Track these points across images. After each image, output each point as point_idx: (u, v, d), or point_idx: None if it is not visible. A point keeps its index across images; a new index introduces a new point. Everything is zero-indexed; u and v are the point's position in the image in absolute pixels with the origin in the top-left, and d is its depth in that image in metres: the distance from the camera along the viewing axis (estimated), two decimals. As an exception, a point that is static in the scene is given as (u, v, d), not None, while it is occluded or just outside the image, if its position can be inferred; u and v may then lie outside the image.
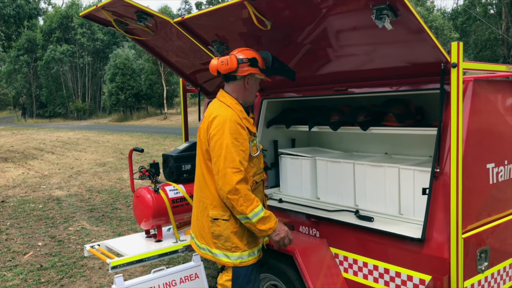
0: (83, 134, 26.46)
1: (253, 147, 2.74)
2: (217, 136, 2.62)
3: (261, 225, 2.61)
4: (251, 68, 2.74)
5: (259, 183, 2.83)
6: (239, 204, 2.56)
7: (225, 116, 2.66)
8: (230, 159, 2.56)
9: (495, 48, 30.59)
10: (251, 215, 2.58)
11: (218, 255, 2.76)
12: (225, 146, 2.58)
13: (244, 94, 2.83)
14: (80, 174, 12.10)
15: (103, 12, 3.53)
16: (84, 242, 6.17)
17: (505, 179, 2.91)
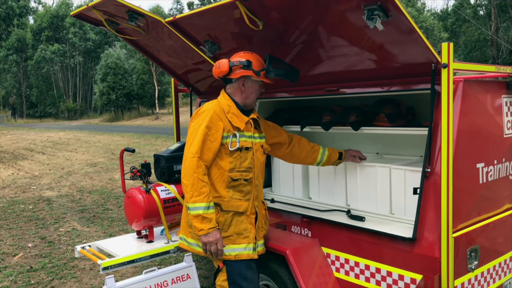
0: (74, 134, 26.28)
1: (233, 142, 2.76)
2: (193, 122, 2.77)
3: (197, 222, 2.63)
4: (244, 71, 2.80)
5: (238, 181, 2.80)
6: (187, 191, 2.62)
7: (207, 107, 2.80)
8: (194, 144, 2.67)
9: (484, 49, 30.90)
10: (191, 206, 2.61)
11: (193, 244, 2.85)
12: (194, 133, 2.70)
13: (241, 96, 2.89)
14: (71, 174, 12.02)
15: (94, 11, 3.51)
16: (75, 243, 6.12)
17: (494, 179, 2.94)
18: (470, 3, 33.55)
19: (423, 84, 2.80)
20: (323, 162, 3.28)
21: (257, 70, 2.82)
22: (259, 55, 2.90)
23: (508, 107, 3.06)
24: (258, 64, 2.83)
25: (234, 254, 2.77)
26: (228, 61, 2.81)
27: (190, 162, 2.64)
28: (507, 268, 3.03)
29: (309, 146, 3.25)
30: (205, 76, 4.29)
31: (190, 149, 2.67)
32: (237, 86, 2.87)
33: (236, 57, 2.86)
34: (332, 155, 3.26)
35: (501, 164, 2.99)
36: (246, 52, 2.88)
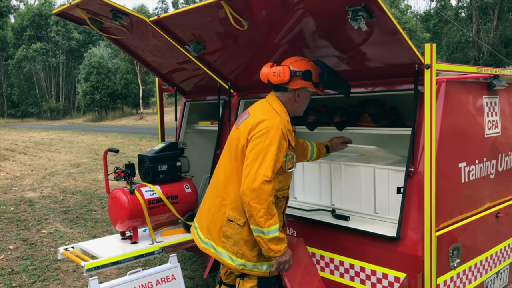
0: (57, 135, 25.93)
1: (289, 162, 2.64)
2: (260, 139, 2.51)
3: (273, 245, 2.49)
4: (304, 81, 2.65)
5: (280, 199, 2.72)
6: (259, 215, 2.44)
7: (273, 122, 2.56)
8: (266, 166, 2.45)
9: (466, 50, 31.40)
10: (267, 230, 2.46)
11: (223, 255, 2.70)
12: (264, 153, 2.48)
13: (293, 106, 2.74)
14: (54, 175, 11.86)
15: (77, 10, 3.46)
16: (58, 245, 6.04)
17: (476, 178, 2.98)
18: (452, 5, 34.06)
19: (406, 85, 2.84)
20: (313, 158, 3.22)
21: (316, 82, 2.68)
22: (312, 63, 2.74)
23: (488, 108, 3.11)
24: (316, 75, 2.69)
25: (269, 271, 2.71)
26: (290, 70, 2.61)
27: (264, 187, 2.43)
28: (488, 266, 3.08)
29: (298, 144, 3.13)
30: (190, 75, 4.27)
31: (263, 171, 2.44)
32: (291, 96, 2.70)
33: (295, 65, 2.65)
34: (321, 150, 3.19)
35: (482, 163, 3.04)
36: (304, 60, 2.70)
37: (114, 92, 40.46)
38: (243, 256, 2.65)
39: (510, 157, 3.39)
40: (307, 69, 2.65)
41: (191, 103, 4.77)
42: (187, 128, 4.78)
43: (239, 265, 2.66)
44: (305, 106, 2.82)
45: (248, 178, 2.46)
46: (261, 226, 2.46)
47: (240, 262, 2.66)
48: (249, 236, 2.61)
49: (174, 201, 3.65)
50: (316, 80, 2.69)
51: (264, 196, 2.43)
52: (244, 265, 2.66)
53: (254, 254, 2.64)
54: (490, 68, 3.17)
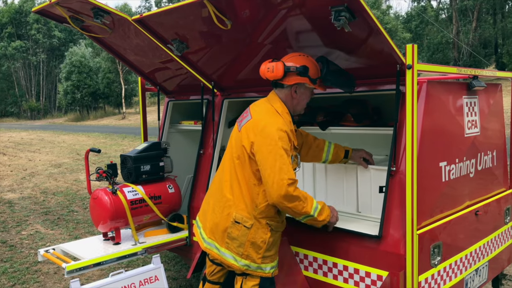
0: (37, 134, 25.52)
1: (293, 163, 2.63)
2: (270, 146, 2.50)
3: (320, 216, 2.63)
4: (300, 77, 2.62)
5: None
6: (301, 207, 2.53)
7: (277, 124, 2.55)
8: (286, 170, 2.47)
9: (446, 51, 31.89)
10: (313, 211, 2.58)
11: (226, 255, 2.68)
12: (279, 157, 2.47)
13: (291, 103, 2.72)
14: (34, 175, 11.66)
15: (57, 8, 3.41)
16: (38, 247, 5.94)
17: (456, 177, 3.03)
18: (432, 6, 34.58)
19: (388, 85, 2.87)
20: (328, 161, 3.13)
21: (313, 78, 2.63)
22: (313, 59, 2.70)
23: (468, 108, 3.17)
24: (314, 70, 2.64)
25: (272, 272, 2.72)
26: (283, 66, 2.59)
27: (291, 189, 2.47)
28: (468, 263, 3.14)
29: (314, 144, 3.09)
30: (173, 75, 4.25)
31: (285, 175, 2.45)
32: (288, 92, 2.68)
33: (291, 60, 2.63)
34: (338, 153, 3.10)
35: (462, 162, 3.10)
36: (302, 55, 2.67)
37: (96, 92, 40.00)
38: (248, 257, 2.64)
39: (489, 157, 3.46)
40: (303, 65, 2.61)
41: (174, 102, 4.74)
42: (170, 128, 4.76)
43: (243, 266, 2.66)
44: (305, 103, 2.78)
45: (274, 188, 2.47)
46: (308, 213, 2.57)
47: (244, 263, 2.65)
48: (255, 238, 2.61)
49: (157, 202, 3.63)
50: (314, 76, 2.64)
51: (294, 195, 2.49)
52: (248, 266, 2.66)
53: (259, 256, 2.64)
54: (470, 69, 3.23)
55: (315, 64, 2.68)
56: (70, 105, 42.66)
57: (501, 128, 3.65)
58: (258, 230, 2.61)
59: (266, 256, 2.66)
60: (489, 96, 3.47)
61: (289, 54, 2.71)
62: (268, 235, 2.63)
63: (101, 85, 39.56)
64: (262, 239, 2.62)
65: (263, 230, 2.62)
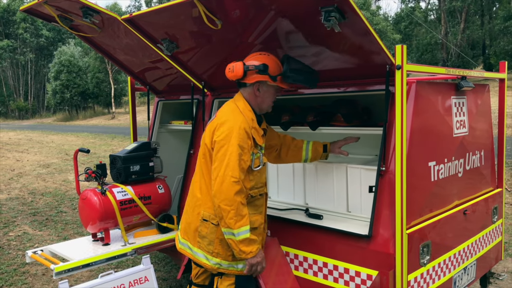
0: (26, 134, 25.25)
1: (256, 160, 2.64)
2: (224, 141, 2.53)
3: (244, 246, 2.50)
4: (260, 75, 2.63)
5: (255, 197, 2.71)
6: (229, 217, 2.45)
7: (235, 122, 2.58)
8: (232, 167, 2.48)
9: (435, 52, 32.17)
10: (237, 231, 2.47)
11: (199, 255, 2.71)
12: (229, 154, 2.50)
13: (256, 101, 2.73)
14: (22, 176, 11.53)
15: (46, 7, 3.37)
16: (26, 248, 5.87)
17: (445, 177, 3.06)
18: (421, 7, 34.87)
19: (378, 85, 2.88)
20: (309, 158, 3.13)
21: (273, 75, 2.64)
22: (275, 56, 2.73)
23: (457, 108, 3.20)
24: (274, 68, 2.66)
25: (217, 267, 2.70)
26: (243, 65, 2.63)
27: (233, 187, 2.45)
28: (456, 262, 3.17)
29: (293, 144, 3.11)
30: (163, 74, 4.23)
31: (230, 172, 2.47)
32: (251, 91, 2.70)
33: (251, 59, 2.67)
34: (317, 149, 3.11)
35: (451, 162, 3.12)
36: (263, 54, 2.70)
37: (85, 91, 39.70)
38: (218, 255, 2.66)
39: (477, 156, 3.50)
40: (262, 63, 2.64)
41: (164, 102, 4.72)
42: (160, 128, 4.73)
43: (215, 264, 2.67)
44: (270, 101, 2.78)
45: (217, 181, 2.49)
46: (231, 227, 2.47)
47: (215, 261, 2.66)
48: (223, 235, 2.61)
49: (147, 202, 3.61)
50: (274, 74, 2.66)
51: (233, 197, 2.45)
52: (220, 264, 2.67)
53: (229, 253, 2.65)
54: (458, 69, 3.26)
55: (276, 62, 2.70)
56: (59, 104, 42.28)
57: (488, 128, 3.70)
58: None
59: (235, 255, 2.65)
60: (477, 97, 3.51)
61: (251, 53, 2.75)
62: (239, 255, 2.59)
63: (91, 85, 39.27)
64: None
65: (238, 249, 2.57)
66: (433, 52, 32.15)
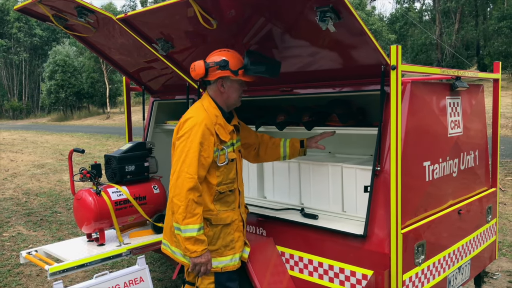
0: (20, 134, 25.11)
1: (221, 156, 2.67)
2: (183, 137, 2.59)
3: (189, 244, 2.54)
4: (221, 71, 2.66)
5: (224, 193, 2.73)
6: (179, 212, 2.50)
7: (197, 119, 2.62)
8: (188, 163, 2.51)
9: (430, 52, 32.28)
10: (184, 228, 2.51)
11: (176, 253, 2.78)
12: (187, 150, 2.54)
13: (221, 98, 2.76)
14: (16, 176, 11.47)
15: (40, 6, 3.36)
16: (20, 248, 5.84)
17: (439, 176, 3.07)
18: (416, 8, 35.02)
19: (373, 85, 2.89)
20: (288, 155, 3.16)
21: (234, 69, 2.67)
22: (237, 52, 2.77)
23: (451, 108, 3.21)
24: (235, 62, 2.68)
25: (221, 267, 2.73)
26: (204, 63, 2.67)
27: (186, 184, 2.49)
28: (451, 261, 3.18)
29: (271, 142, 3.15)
30: (158, 74, 4.22)
31: (185, 168, 2.51)
32: (216, 88, 2.74)
33: (212, 57, 2.71)
34: (295, 145, 3.13)
35: (446, 162, 3.14)
36: (223, 50, 2.73)
37: (80, 91, 39.52)
38: None
39: (471, 156, 3.51)
40: (223, 59, 2.67)
41: (159, 102, 4.71)
42: (155, 128, 4.72)
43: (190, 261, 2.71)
44: (236, 96, 2.79)
45: (173, 176, 2.55)
46: (179, 223, 2.52)
47: None
48: None
49: (142, 202, 3.60)
50: (235, 68, 2.67)
51: (185, 193, 2.49)
52: None
53: None
54: (453, 69, 3.27)
55: (237, 56, 2.73)
56: (54, 104, 42.08)
57: (483, 128, 3.71)
58: None
59: (210, 251, 2.69)
60: (472, 97, 3.52)
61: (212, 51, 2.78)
62: (207, 229, 2.67)
63: (85, 85, 39.11)
64: None
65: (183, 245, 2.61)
66: (427, 53, 32.26)
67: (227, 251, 2.74)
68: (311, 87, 3.31)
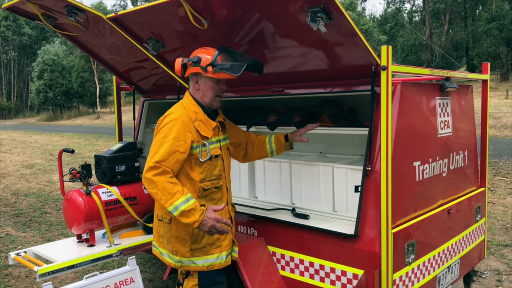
0: (8, 134, 24.85)
1: (203, 152, 2.66)
2: (159, 133, 2.63)
3: (185, 219, 2.51)
4: (193, 68, 2.69)
5: (209, 190, 2.72)
6: (158, 198, 2.53)
7: (173, 115, 2.66)
8: (158, 154, 2.55)
9: (419, 53, 32.55)
10: (172, 209, 2.51)
11: (164, 254, 2.80)
12: (159, 144, 2.57)
13: (198, 95, 2.77)
14: (5, 177, 11.35)
15: (29, 5, 3.32)
16: (9, 250, 5.78)
17: (429, 176, 3.09)
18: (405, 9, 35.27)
19: (363, 86, 2.90)
20: (274, 150, 3.14)
21: (204, 66, 2.66)
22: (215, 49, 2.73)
23: (441, 108, 3.24)
24: (206, 59, 2.67)
25: (207, 265, 2.72)
26: (181, 60, 2.71)
27: (151, 171, 2.52)
28: (440, 260, 3.20)
29: (257, 140, 3.15)
30: (149, 74, 4.20)
31: (153, 158, 2.54)
32: (193, 85, 2.76)
33: (192, 55, 2.74)
34: (279, 139, 3.11)
35: (435, 162, 3.16)
36: (202, 48, 2.73)
37: (70, 91, 39.24)
38: (178, 252, 2.72)
39: (461, 156, 3.54)
40: (196, 55, 2.69)
41: (150, 102, 4.68)
42: (146, 128, 4.70)
43: (177, 262, 2.74)
44: (211, 94, 2.76)
45: (145, 168, 2.58)
46: (166, 206, 2.52)
47: (176, 259, 2.73)
48: (177, 232, 2.69)
49: (133, 203, 3.58)
50: (204, 65, 2.66)
51: (152, 179, 2.52)
52: (181, 261, 2.73)
53: (187, 249, 2.70)
54: (442, 70, 3.30)
55: (211, 54, 2.70)
56: (43, 104, 41.73)
57: (472, 129, 3.75)
58: (179, 223, 2.67)
59: (195, 249, 2.70)
60: (461, 97, 3.56)
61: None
62: (190, 227, 2.67)
63: (75, 84, 38.83)
64: (185, 231, 2.69)
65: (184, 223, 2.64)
66: (417, 53, 32.53)
67: (213, 249, 2.73)
68: (302, 87, 3.32)
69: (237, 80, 2.79)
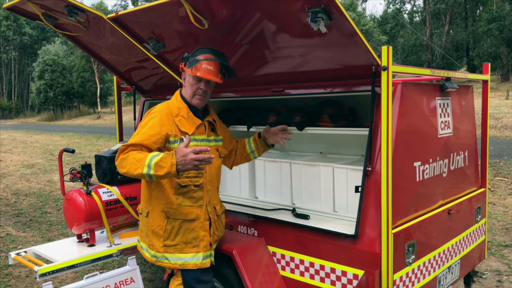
0: (9, 134, 24.88)
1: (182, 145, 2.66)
2: (141, 123, 2.74)
3: (162, 169, 2.41)
4: (182, 63, 2.77)
5: (188, 187, 2.70)
6: (133, 169, 2.47)
7: (157, 108, 2.75)
8: (131, 140, 2.60)
9: (420, 53, 32.54)
10: (146, 169, 2.43)
11: (143, 249, 2.86)
12: (136, 132, 2.67)
13: (183, 91, 2.83)
14: (5, 176, 11.36)
15: (29, 5, 3.33)
16: (9, 249, 5.78)
17: (430, 177, 3.09)
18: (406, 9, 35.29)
19: (364, 86, 2.90)
20: (254, 150, 3.10)
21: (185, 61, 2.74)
22: None
23: (441, 109, 3.24)
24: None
25: (179, 263, 2.70)
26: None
27: (120, 152, 2.57)
28: (441, 261, 3.20)
29: (240, 143, 3.14)
30: (150, 74, 4.20)
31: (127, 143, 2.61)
32: (182, 81, 2.85)
33: None
34: (255, 138, 3.08)
35: (436, 162, 3.16)
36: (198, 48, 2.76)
37: (70, 91, 39.27)
38: (153, 247, 2.76)
39: (461, 157, 3.54)
40: (185, 52, 2.78)
41: (150, 102, 4.68)
42: (147, 128, 4.69)
43: (152, 257, 2.78)
44: (190, 91, 2.75)
45: None
46: (141, 172, 2.45)
47: (152, 253, 2.77)
48: (153, 226, 2.74)
49: (133, 203, 3.58)
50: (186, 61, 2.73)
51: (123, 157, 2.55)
52: (156, 256, 2.76)
53: (161, 244, 2.73)
54: (443, 71, 3.29)
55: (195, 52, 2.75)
56: (44, 104, 41.77)
57: (472, 129, 3.75)
58: (155, 218, 2.73)
59: (168, 245, 2.71)
60: (461, 98, 3.55)
61: None
62: (165, 222, 2.70)
63: (76, 84, 38.86)
64: (159, 226, 2.72)
65: (160, 218, 2.72)
66: (418, 54, 32.52)
67: (188, 248, 2.71)
68: (303, 87, 3.31)
69: (237, 80, 2.80)
